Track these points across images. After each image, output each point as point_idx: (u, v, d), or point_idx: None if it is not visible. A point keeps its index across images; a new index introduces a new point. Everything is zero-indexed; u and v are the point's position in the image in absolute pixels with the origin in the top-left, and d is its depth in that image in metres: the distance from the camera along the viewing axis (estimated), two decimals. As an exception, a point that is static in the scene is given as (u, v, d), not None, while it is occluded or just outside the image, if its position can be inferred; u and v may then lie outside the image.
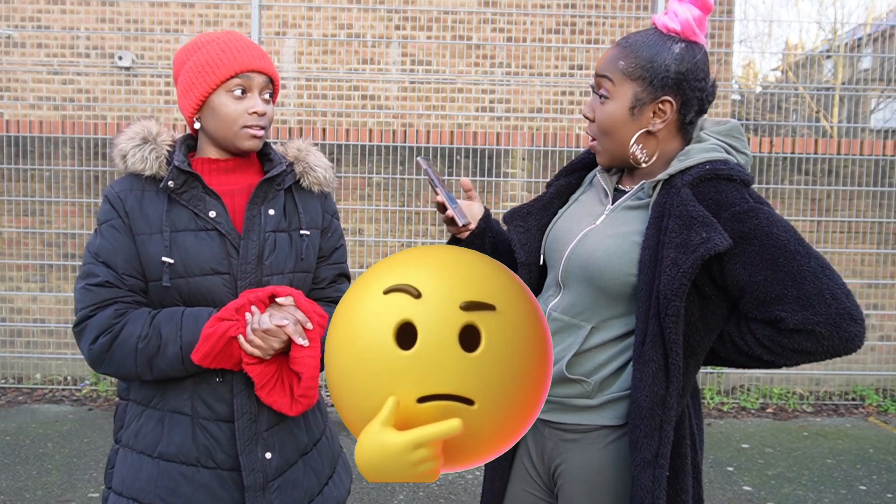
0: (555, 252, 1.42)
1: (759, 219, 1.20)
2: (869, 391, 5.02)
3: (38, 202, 4.89)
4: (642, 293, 1.25)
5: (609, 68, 1.31)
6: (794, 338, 1.18)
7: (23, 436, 3.99)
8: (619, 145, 1.33)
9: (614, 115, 1.31)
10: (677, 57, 1.28)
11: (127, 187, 1.37)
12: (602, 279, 1.30)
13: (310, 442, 1.47)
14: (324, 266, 1.50)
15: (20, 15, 6.31)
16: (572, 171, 1.54)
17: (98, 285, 1.32)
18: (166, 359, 1.30)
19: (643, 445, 1.22)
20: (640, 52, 1.29)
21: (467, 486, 3.47)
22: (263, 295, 1.30)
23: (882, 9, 17.28)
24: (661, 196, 1.29)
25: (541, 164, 4.94)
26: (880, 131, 8.57)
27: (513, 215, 1.51)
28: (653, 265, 1.24)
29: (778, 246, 1.18)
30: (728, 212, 1.21)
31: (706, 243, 1.17)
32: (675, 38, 1.30)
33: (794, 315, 1.16)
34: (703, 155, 1.29)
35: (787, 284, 1.16)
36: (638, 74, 1.28)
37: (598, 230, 1.35)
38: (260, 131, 1.38)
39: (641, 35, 1.32)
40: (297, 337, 1.28)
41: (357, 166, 4.92)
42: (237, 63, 1.34)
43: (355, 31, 6.43)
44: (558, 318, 1.36)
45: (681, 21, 1.29)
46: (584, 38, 6.50)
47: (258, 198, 1.39)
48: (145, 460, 1.36)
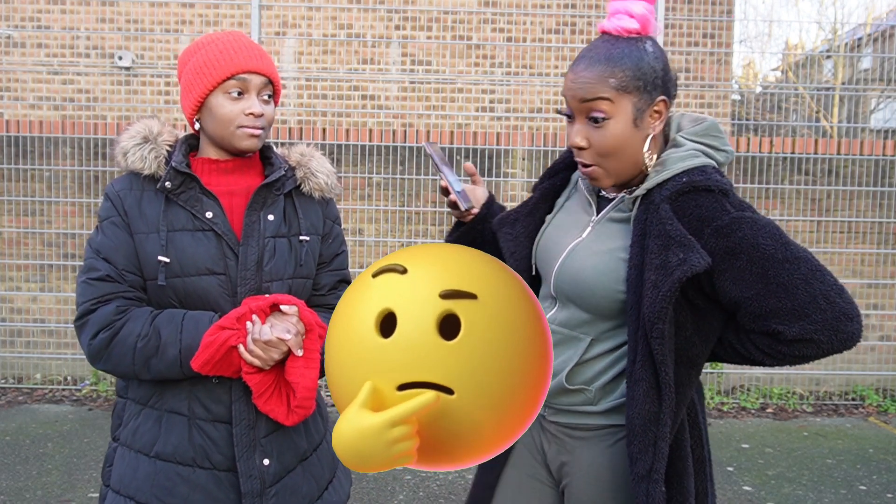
0: (545, 264, 1.41)
1: (742, 231, 1.18)
2: (869, 391, 5.02)
3: (38, 202, 4.89)
4: (632, 311, 1.24)
5: (599, 89, 1.23)
6: (793, 346, 1.18)
7: (23, 436, 3.99)
8: (628, 163, 1.28)
9: (620, 134, 1.25)
10: (654, 54, 1.26)
11: (126, 186, 1.38)
12: (593, 298, 1.29)
13: (309, 448, 1.47)
14: (324, 272, 1.50)
15: (20, 15, 6.31)
16: (556, 172, 1.51)
17: (99, 280, 1.32)
18: (165, 361, 1.30)
19: (638, 461, 1.23)
20: (623, 63, 1.23)
21: (467, 486, 3.47)
22: (265, 304, 1.29)
23: (882, 9, 17.28)
24: (641, 211, 1.27)
25: (541, 164, 4.94)
26: (880, 131, 8.57)
27: (501, 222, 1.49)
28: (639, 284, 1.23)
29: (765, 257, 1.16)
30: (710, 227, 1.20)
31: (683, 265, 1.16)
32: (639, 38, 1.26)
33: (791, 327, 1.16)
34: (680, 165, 1.26)
35: (780, 296, 1.15)
36: (633, 86, 1.23)
37: (585, 245, 1.34)
38: (257, 131, 1.37)
39: (607, 46, 1.25)
40: (297, 349, 1.28)
41: (357, 166, 4.92)
42: (234, 64, 1.34)
43: (355, 31, 6.43)
44: (557, 330, 1.35)
45: (639, 18, 1.25)
46: (584, 38, 6.50)
47: (257, 203, 1.39)
48: (142, 459, 1.36)
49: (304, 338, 1.30)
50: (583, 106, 1.25)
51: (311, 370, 1.30)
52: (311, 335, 1.31)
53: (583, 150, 1.28)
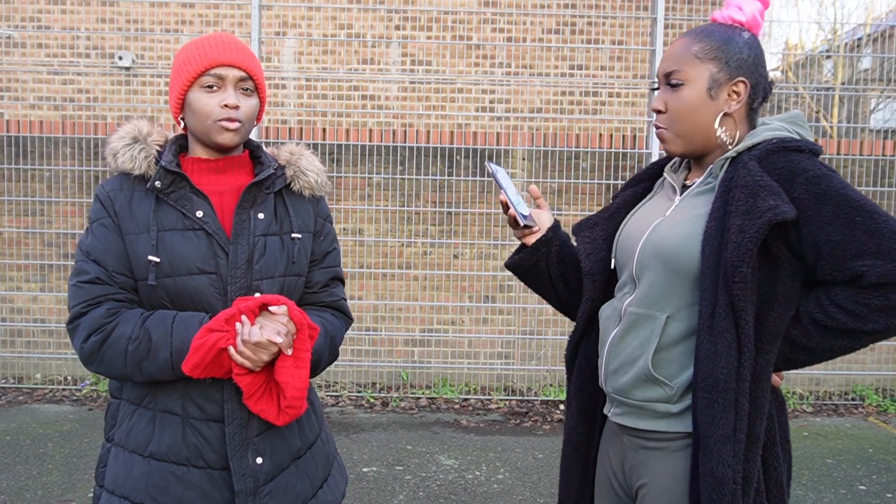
0: (626, 251, 1.41)
1: (833, 182, 1.20)
2: (869, 391, 5.02)
3: (38, 202, 4.89)
4: (709, 263, 1.23)
5: (681, 59, 1.33)
6: (876, 293, 1.15)
7: (23, 436, 3.99)
8: (697, 129, 1.34)
9: (692, 99, 1.32)
10: (748, 42, 1.33)
11: (116, 187, 1.38)
12: (678, 262, 1.28)
13: (303, 446, 1.47)
14: (317, 270, 1.50)
15: (20, 15, 6.32)
16: (639, 181, 1.54)
17: (89, 282, 1.32)
18: (156, 363, 1.30)
19: (721, 420, 1.19)
20: (712, 36, 1.33)
21: (467, 486, 3.48)
22: (254, 305, 1.29)
23: (882, 9, 17.27)
24: (728, 172, 1.29)
25: (541, 164, 4.94)
26: (880, 131, 8.57)
27: (580, 227, 1.53)
28: (719, 235, 1.23)
29: (854, 206, 1.17)
30: (802, 177, 1.21)
31: (773, 209, 1.17)
32: (741, 28, 1.35)
33: (875, 269, 1.14)
34: (770, 133, 1.31)
35: (865, 241, 1.15)
36: (714, 55, 1.31)
37: (668, 219, 1.35)
38: (233, 124, 1.37)
39: (707, 25, 1.37)
40: (287, 349, 1.28)
41: (357, 166, 4.92)
42: (208, 58, 1.36)
43: (355, 31, 6.44)
44: (633, 311, 1.34)
45: (747, 13, 1.35)
46: (584, 38, 6.50)
47: (247, 202, 1.39)
48: (136, 459, 1.36)
49: (295, 338, 1.30)
50: (665, 77, 1.36)
51: (300, 370, 1.30)
52: (302, 335, 1.30)
53: (661, 113, 1.38)
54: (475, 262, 5.03)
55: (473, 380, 5.10)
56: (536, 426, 4.47)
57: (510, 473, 3.67)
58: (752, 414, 1.22)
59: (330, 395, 4.89)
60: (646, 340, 1.31)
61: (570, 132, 5.86)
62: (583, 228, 1.52)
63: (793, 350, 1.25)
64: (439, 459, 3.84)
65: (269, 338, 1.24)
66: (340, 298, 1.54)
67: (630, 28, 6.50)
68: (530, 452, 3.98)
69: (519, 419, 4.59)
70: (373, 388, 5.04)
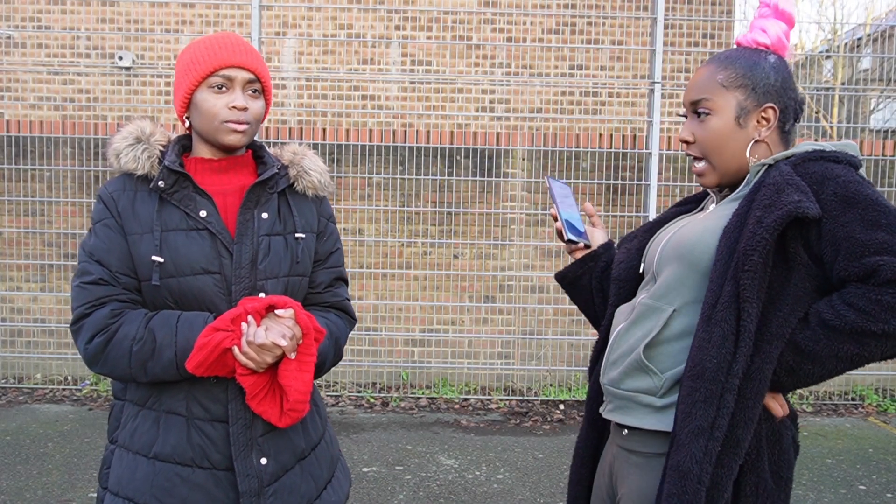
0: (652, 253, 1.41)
1: (864, 188, 1.17)
2: (869, 391, 5.02)
3: (38, 202, 4.89)
4: (722, 255, 1.20)
5: (707, 87, 1.32)
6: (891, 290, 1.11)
7: (23, 436, 3.99)
8: (729, 158, 1.32)
9: (721, 129, 1.31)
10: (774, 66, 1.32)
11: (120, 187, 1.38)
12: (693, 253, 1.27)
13: (308, 447, 1.47)
14: (320, 270, 1.50)
15: (20, 15, 6.32)
16: (686, 202, 1.55)
17: (93, 283, 1.32)
18: (161, 363, 1.30)
19: (698, 411, 1.15)
20: (737, 63, 1.32)
21: (467, 486, 3.48)
22: (261, 306, 1.29)
23: (882, 9, 17.27)
24: (762, 176, 1.27)
25: (541, 164, 4.94)
26: (880, 131, 8.57)
27: (623, 241, 1.55)
28: (738, 229, 1.21)
29: (882, 210, 1.14)
30: (833, 181, 1.18)
31: (796, 203, 1.14)
32: (767, 51, 1.34)
33: (892, 265, 1.11)
34: (812, 147, 1.28)
35: (886, 239, 1.13)
36: (740, 83, 1.30)
37: (695, 220, 1.35)
38: (241, 126, 1.37)
39: (731, 51, 1.35)
40: (291, 353, 1.27)
41: (357, 166, 4.92)
42: (217, 59, 1.35)
43: (355, 31, 6.44)
44: (643, 303, 1.33)
45: (772, 35, 1.34)
46: (584, 38, 6.50)
47: (251, 201, 1.39)
48: (141, 460, 1.36)
49: (300, 342, 1.30)
50: (692, 106, 1.35)
51: (304, 374, 1.29)
52: (307, 339, 1.30)
53: (690, 144, 1.37)
54: (475, 262, 5.03)
55: (473, 380, 5.11)
56: (536, 426, 4.47)
57: (510, 473, 3.67)
58: (737, 415, 1.16)
59: (330, 395, 4.90)
60: (648, 331, 1.30)
61: (570, 132, 5.87)
62: (624, 241, 1.54)
63: (797, 356, 1.18)
64: (439, 459, 3.84)
65: (274, 340, 1.24)
66: (344, 299, 1.54)
67: (630, 28, 6.50)
68: (530, 452, 3.98)
69: (519, 419, 4.60)
70: (373, 388, 5.04)
